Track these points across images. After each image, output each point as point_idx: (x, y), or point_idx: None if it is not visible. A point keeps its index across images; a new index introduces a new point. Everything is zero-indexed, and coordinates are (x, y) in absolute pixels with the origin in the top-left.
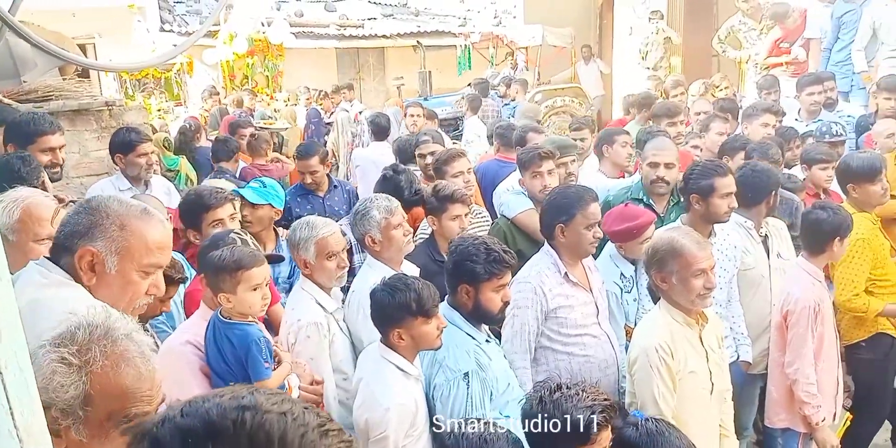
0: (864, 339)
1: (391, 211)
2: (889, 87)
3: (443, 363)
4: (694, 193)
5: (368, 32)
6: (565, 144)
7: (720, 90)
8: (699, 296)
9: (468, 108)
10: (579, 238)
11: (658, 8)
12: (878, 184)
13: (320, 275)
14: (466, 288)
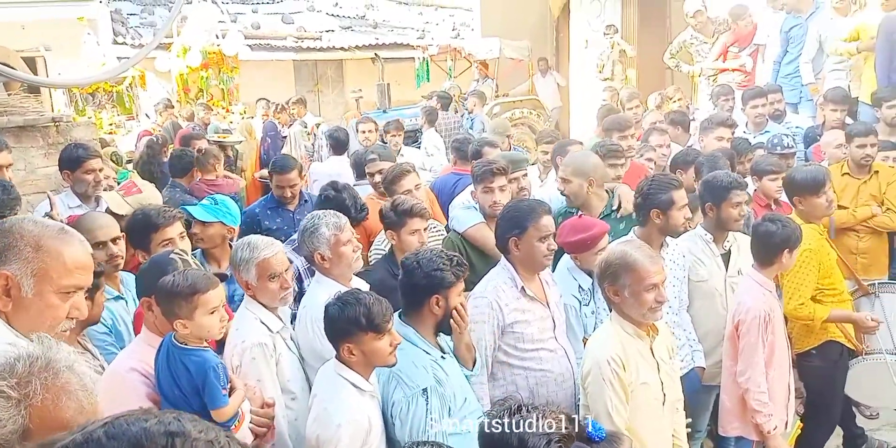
0: (815, 347)
1: (340, 227)
2: (835, 99)
3: (400, 379)
4: (654, 208)
5: (326, 45)
6: (517, 159)
7: (674, 102)
8: (650, 309)
9: (425, 121)
10: (533, 251)
11: (612, 22)
12: (823, 196)
13: (263, 296)
14: (437, 298)
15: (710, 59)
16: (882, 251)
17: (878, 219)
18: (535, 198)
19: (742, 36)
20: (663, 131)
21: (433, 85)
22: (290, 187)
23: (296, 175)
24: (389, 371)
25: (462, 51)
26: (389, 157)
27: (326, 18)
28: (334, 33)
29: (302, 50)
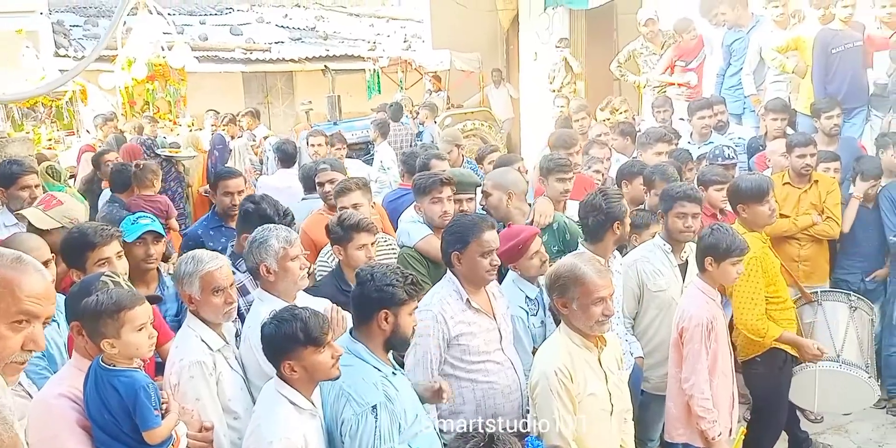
0: (759, 355)
1: (290, 242)
2: (775, 109)
3: (350, 397)
4: (616, 220)
5: (276, 56)
6: (467, 181)
7: (620, 113)
8: (597, 322)
9: (378, 134)
10: (475, 265)
11: (562, 35)
12: (766, 205)
13: (206, 311)
14: (386, 313)
15: (657, 72)
16: (823, 258)
17: (819, 227)
18: (479, 213)
19: (687, 50)
20: (604, 144)
21: (384, 97)
22: (238, 193)
23: (241, 181)
24: (339, 388)
25: (413, 63)
26: (341, 168)
27: (276, 30)
28: (284, 45)
29: (251, 62)
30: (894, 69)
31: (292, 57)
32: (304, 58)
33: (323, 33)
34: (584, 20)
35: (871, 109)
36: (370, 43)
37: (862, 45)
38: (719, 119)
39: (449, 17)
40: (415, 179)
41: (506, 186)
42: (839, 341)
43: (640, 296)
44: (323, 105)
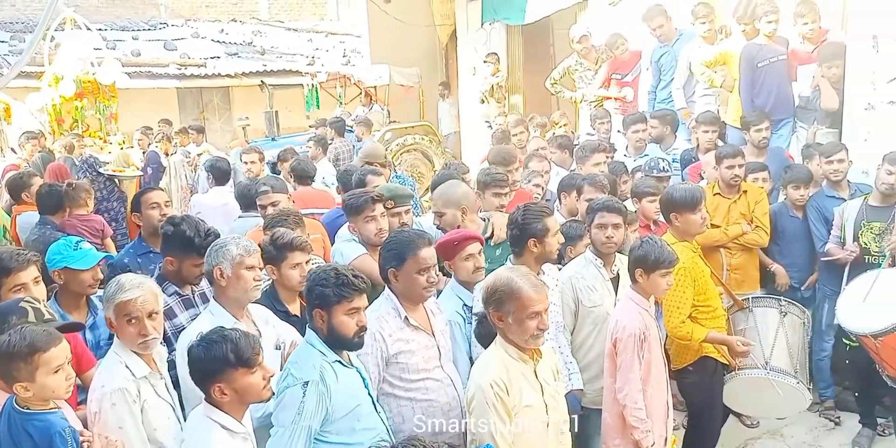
0: (691, 364)
1: (250, 252)
2: (706, 121)
3: (290, 373)
4: (532, 237)
5: (212, 71)
6: (401, 194)
7: (559, 127)
8: (532, 336)
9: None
10: (412, 282)
11: (497, 50)
12: (699, 213)
13: (122, 338)
14: (320, 312)
15: (594, 86)
16: (753, 266)
17: (748, 236)
18: (418, 229)
19: (623, 63)
20: (542, 158)
21: (323, 112)
22: (165, 204)
23: (163, 193)
24: (286, 366)
25: (351, 77)
26: (282, 188)
27: (211, 45)
28: (220, 60)
29: (186, 77)
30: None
31: (228, 72)
32: (240, 73)
33: (260, 48)
34: (521, 35)
35: (797, 121)
36: (308, 58)
37: (786, 59)
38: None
39: (387, 32)
40: (345, 199)
41: (458, 202)
42: (768, 347)
43: (575, 311)
44: (261, 120)
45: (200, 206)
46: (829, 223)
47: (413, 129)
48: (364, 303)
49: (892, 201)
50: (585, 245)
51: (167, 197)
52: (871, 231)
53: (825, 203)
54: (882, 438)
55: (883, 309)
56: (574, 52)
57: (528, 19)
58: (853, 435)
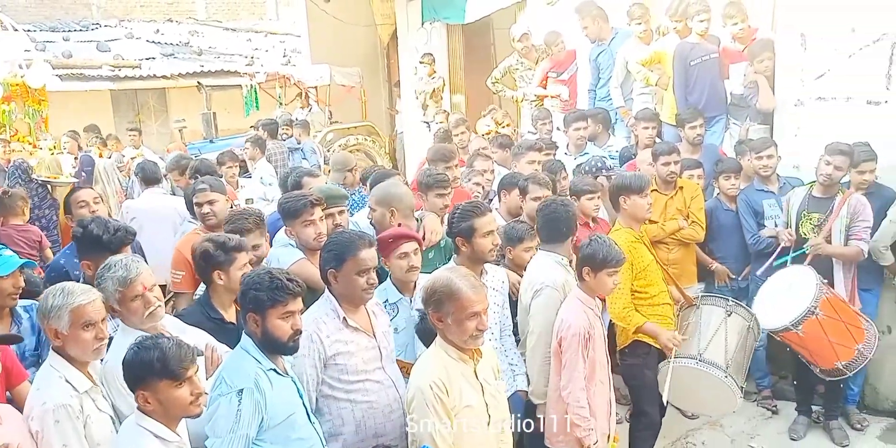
0: (627, 346)
1: (126, 282)
2: (646, 118)
3: (223, 380)
4: (458, 236)
5: (147, 73)
6: (335, 194)
7: (502, 127)
8: (472, 336)
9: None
10: (351, 284)
11: (437, 49)
12: (646, 198)
13: (74, 347)
14: (254, 316)
15: (532, 85)
16: (690, 261)
17: (685, 231)
18: (358, 230)
19: (559, 61)
20: (487, 157)
21: (263, 113)
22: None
23: (91, 191)
24: (220, 373)
25: (291, 78)
26: (221, 188)
27: (146, 46)
28: (155, 61)
29: (119, 79)
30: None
31: (164, 73)
32: (177, 74)
33: (197, 49)
34: (462, 35)
35: (730, 118)
36: (247, 58)
37: (718, 57)
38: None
39: (327, 32)
40: (281, 202)
41: (388, 202)
42: (705, 341)
43: None
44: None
45: (134, 212)
46: (758, 215)
47: (356, 130)
48: (299, 306)
49: (832, 192)
50: (525, 248)
51: (96, 194)
52: (810, 221)
53: (755, 196)
54: (817, 425)
55: (796, 300)
56: (514, 52)
57: (468, 19)
58: (790, 423)
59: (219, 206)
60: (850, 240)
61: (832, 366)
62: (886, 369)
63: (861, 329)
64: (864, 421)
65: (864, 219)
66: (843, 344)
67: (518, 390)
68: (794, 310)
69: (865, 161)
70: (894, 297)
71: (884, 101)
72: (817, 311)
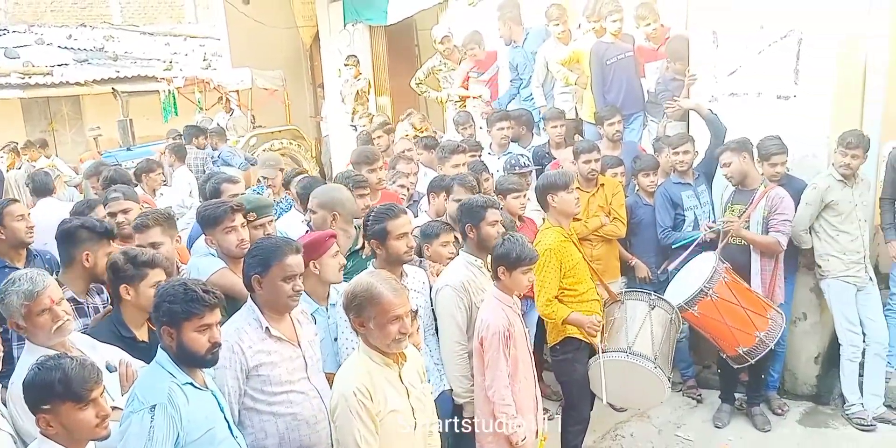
0: (558, 343)
1: (32, 296)
2: (552, 117)
3: (135, 397)
4: (372, 239)
5: (59, 80)
6: (263, 204)
7: (421, 131)
8: (395, 340)
9: (175, 158)
10: (277, 291)
11: (360, 51)
12: (572, 193)
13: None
14: (168, 330)
15: (455, 86)
16: (613, 257)
17: (607, 228)
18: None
19: (479, 62)
20: (410, 159)
21: (183, 118)
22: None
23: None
24: (132, 390)
25: (211, 82)
26: (134, 197)
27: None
28: (68, 67)
29: (30, 87)
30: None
31: (78, 80)
32: (91, 80)
33: (113, 54)
34: (385, 36)
35: (647, 115)
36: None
37: (633, 56)
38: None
39: (248, 35)
40: (200, 210)
41: (332, 206)
42: (633, 335)
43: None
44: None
45: None
46: (677, 207)
47: (280, 134)
48: (216, 318)
49: (754, 186)
50: (442, 242)
51: (25, 209)
52: (732, 212)
53: (673, 189)
54: (740, 412)
55: (691, 282)
56: (437, 53)
57: (390, 20)
58: (714, 411)
59: (132, 215)
60: (769, 232)
61: (735, 352)
62: (803, 355)
63: (765, 317)
64: (785, 406)
65: (782, 212)
66: (743, 329)
67: (446, 389)
68: (689, 289)
69: (776, 154)
70: (809, 284)
71: (793, 95)
72: (711, 293)
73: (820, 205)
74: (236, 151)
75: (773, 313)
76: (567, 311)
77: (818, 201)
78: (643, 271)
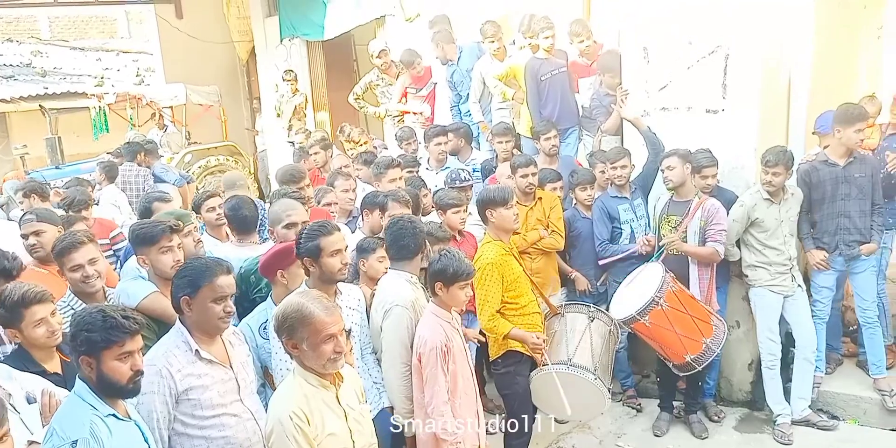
0: (500, 356)
1: None
2: (500, 133)
3: (54, 432)
4: (304, 257)
5: None
6: (183, 214)
7: (360, 145)
8: (330, 360)
9: (105, 177)
10: (206, 312)
11: (298, 66)
12: (511, 209)
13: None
14: (87, 360)
15: (393, 101)
16: (552, 269)
17: (546, 241)
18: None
19: (417, 77)
20: (348, 175)
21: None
22: None
23: None
24: (51, 423)
25: (144, 98)
26: (49, 218)
27: None
28: None
29: None
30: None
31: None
32: (17, 97)
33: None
34: (323, 51)
35: (583, 130)
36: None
37: (567, 71)
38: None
39: (182, 50)
40: (134, 228)
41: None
42: (573, 347)
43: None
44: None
45: None
46: (614, 220)
47: (216, 150)
48: (138, 345)
49: (689, 196)
50: (378, 258)
51: None
52: (668, 223)
53: (610, 203)
54: (679, 420)
55: (644, 292)
56: (375, 68)
57: (327, 35)
58: (654, 420)
59: (47, 236)
60: (706, 242)
61: (683, 360)
62: (738, 362)
63: (709, 324)
64: (721, 413)
65: (717, 222)
66: (691, 337)
67: (385, 407)
68: (641, 300)
69: (707, 167)
70: (741, 293)
71: (721, 109)
72: (662, 302)
73: (746, 221)
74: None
75: (715, 320)
76: (509, 326)
77: (745, 218)
78: (583, 284)
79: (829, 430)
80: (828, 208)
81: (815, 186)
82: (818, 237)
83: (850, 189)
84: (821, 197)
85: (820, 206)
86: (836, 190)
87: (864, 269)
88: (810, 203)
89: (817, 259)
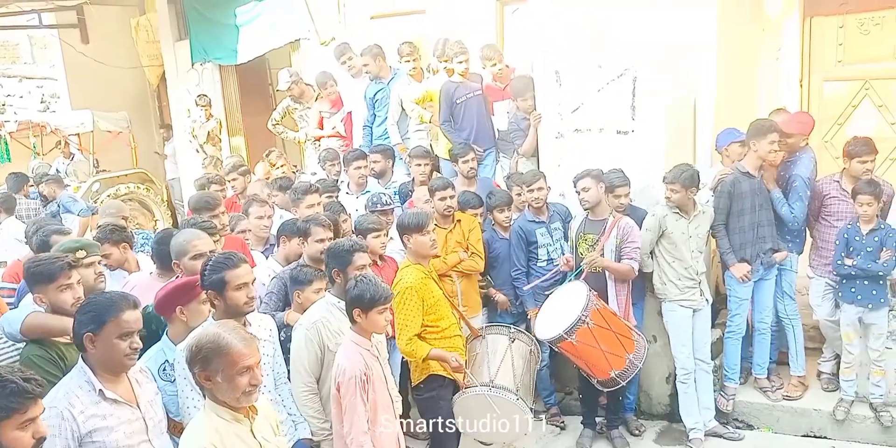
0: (422, 381)
1: None
2: (418, 155)
3: None
4: (209, 289)
5: None
6: (88, 244)
7: (277, 168)
8: (245, 393)
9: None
10: (111, 349)
11: (210, 91)
12: (427, 235)
13: None
14: None
15: (311, 126)
16: (474, 291)
17: (466, 263)
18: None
19: (332, 101)
20: (263, 202)
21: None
22: None
23: None
24: None
25: (48, 125)
26: None
27: None
28: None
29: None
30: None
31: None
32: None
33: None
34: (237, 75)
35: (499, 152)
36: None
37: (482, 94)
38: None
39: (89, 75)
40: (30, 265)
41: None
42: (495, 368)
43: (321, 358)
44: None
45: None
46: (532, 244)
47: (126, 178)
48: (41, 409)
49: (604, 215)
50: (315, 290)
51: None
52: (585, 242)
53: (528, 227)
54: (601, 436)
55: (569, 311)
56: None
57: (240, 59)
58: (577, 437)
59: None
60: (622, 259)
61: (608, 376)
62: (656, 376)
63: (631, 339)
64: (642, 426)
65: (632, 240)
66: (615, 353)
67: (302, 438)
68: (567, 319)
69: (619, 186)
70: (657, 308)
71: (631, 130)
72: (588, 321)
73: (658, 231)
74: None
75: (635, 335)
76: (427, 348)
77: (656, 227)
78: (504, 304)
79: (737, 441)
80: (749, 218)
81: (737, 197)
82: (739, 249)
83: (764, 200)
84: (741, 208)
85: (741, 217)
86: (754, 200)
87: (770, 278)
88: (729, 215)
89: (742, 272)
